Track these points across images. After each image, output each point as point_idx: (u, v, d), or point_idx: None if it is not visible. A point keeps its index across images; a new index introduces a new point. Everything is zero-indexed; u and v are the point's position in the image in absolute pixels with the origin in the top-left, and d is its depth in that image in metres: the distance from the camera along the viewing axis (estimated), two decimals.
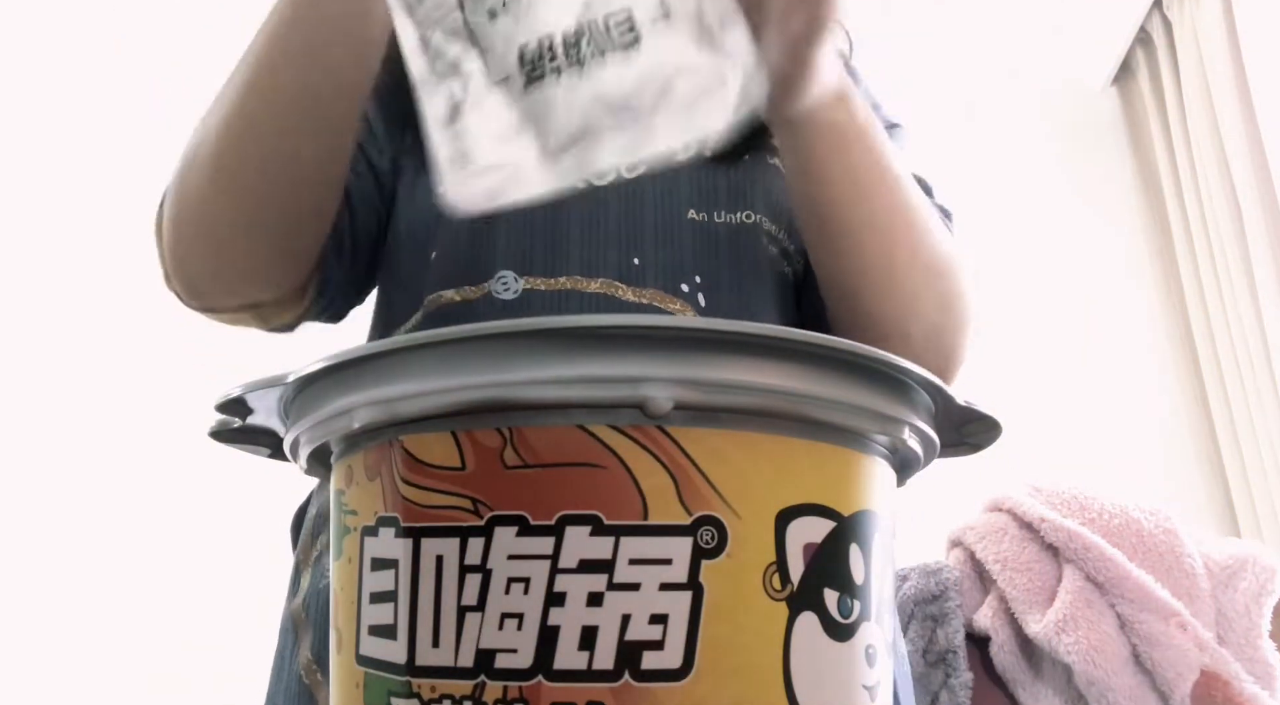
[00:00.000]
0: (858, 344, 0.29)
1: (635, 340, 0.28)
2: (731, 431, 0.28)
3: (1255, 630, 0.82)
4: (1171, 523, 0.87)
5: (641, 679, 0.26)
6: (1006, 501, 0.92)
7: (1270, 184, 2.01)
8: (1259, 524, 2.10)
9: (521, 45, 0.38)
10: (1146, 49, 2.47)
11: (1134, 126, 2.57)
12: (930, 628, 0.88)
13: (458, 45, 0.38)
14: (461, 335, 0.28)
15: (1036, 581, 0.86)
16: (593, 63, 0.38)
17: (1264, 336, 2.03)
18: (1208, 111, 2.18)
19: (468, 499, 0.28)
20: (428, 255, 0.62)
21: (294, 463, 0.36)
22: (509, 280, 0.59)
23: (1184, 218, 2.33)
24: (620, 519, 0.27)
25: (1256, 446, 2.09)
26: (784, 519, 0.28)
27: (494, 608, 0.27)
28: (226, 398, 0.33)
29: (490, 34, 0.38)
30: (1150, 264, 2.49)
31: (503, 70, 0.38)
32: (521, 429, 0.28)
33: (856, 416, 0.30)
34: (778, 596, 0.27)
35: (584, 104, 0.38)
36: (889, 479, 0.33)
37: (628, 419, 0.27)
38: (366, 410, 0.30)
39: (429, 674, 0.27)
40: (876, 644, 0.30)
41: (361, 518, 0.30)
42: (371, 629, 0.29)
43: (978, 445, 0.38)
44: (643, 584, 0.26)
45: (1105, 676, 0.79)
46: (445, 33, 0.38)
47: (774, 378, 0.28)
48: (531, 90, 0.37)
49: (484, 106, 0.37)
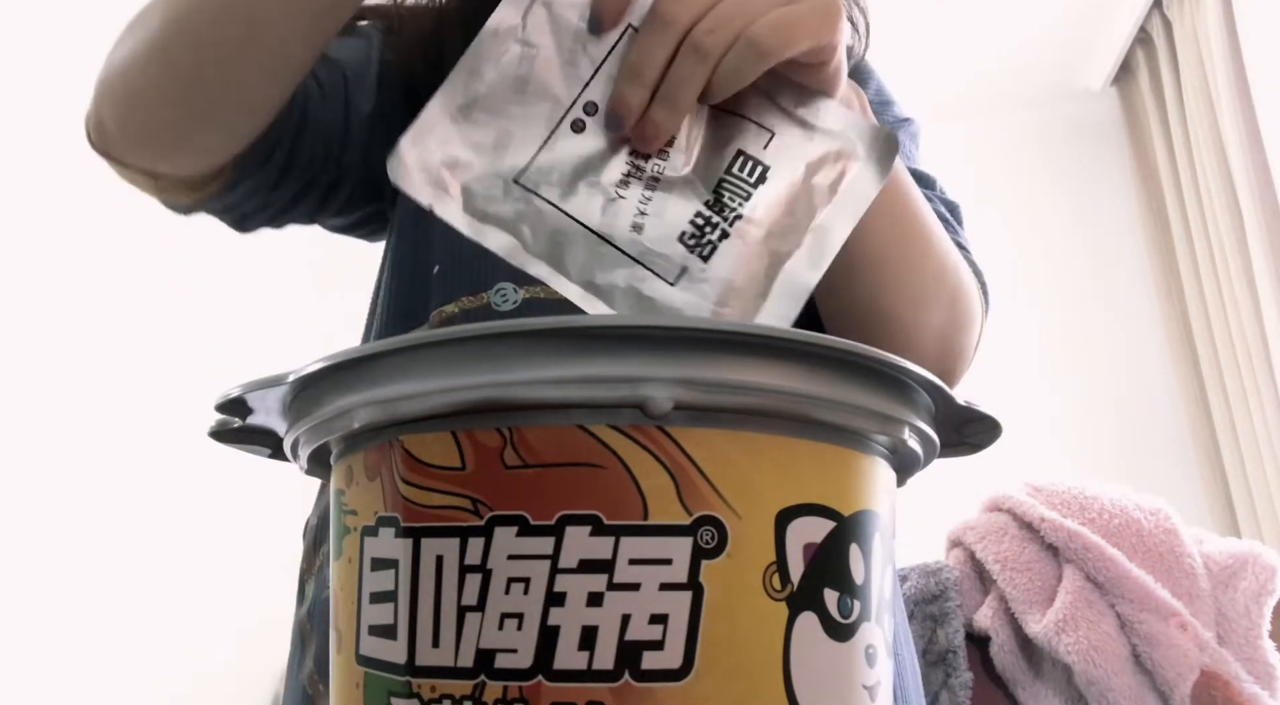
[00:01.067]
0: (858, 344, 0.29)
1: (635, 340, 0.28)
2: (732, 431, 0.28)
3: (1255, 630, 0.82)
4: (1171, 523, 0.87)
5: (641, 679, 0.26)
6: (1006, 501, 0.92)
7: (1270, 184, 2.01)
8: (1259, 524, 2.10)
9: (680, 235, 0.39)
10: (1146, 49, 2.47)
11: (1134, 126, 2.57)
12: (930, 628, 0.88)
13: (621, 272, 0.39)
14: (461, 335, 0.28)
15: (1036, 581, 0.86)
16: (745, 208, 0.40)
17: (1264, 336, 2.03)
18: (1208, 111, 2.18)
19: (468, 499, 0.28)
20: (430, 271, 0.62)
21: (294, 463, 0.36)
22: (508, 292, 0.59)
23: (1184, 218, 2.33)
24: (620, 519, 0.27)
25: (1256, 446, 2.09)
26: (784, 519, 0.28)
27: (494, 608, 0.27)
28: (226, 398, 0.33)
29: (645, 244, 0.39)
30: (1150, 264, 2.49)
31: (676, 266, 0.39)
32: (521, 429, 0.28)
33: (856, 416, 0.30)
34: (778, 596, 0.27)
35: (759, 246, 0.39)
36: (889, 479, 0.33)
37: (628, 419, 0.27)
38: (366, 410, 0.30)
39: (429, 674, 0.27)
40: (876, 644, 0.30)
41: (361, 518, 0.30)
42: (371, 629, 0.29)
43: (978, 445, 0.38)
44: (643, 584, 0.26)
45: (1105, 676, 0.79)
46: (603, 270, 0.39)
47: (774, 378, 0.28)
48: (712, 264, 0.39)
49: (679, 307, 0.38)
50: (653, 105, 0.39)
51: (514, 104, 0.40)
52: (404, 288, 0.64)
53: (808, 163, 0.41)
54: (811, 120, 0.41)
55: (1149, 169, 2.48)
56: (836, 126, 0.41)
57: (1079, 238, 2.50)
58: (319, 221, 0.70)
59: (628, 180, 0.40)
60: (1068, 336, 2.42)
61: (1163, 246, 2.44)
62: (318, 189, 0.65)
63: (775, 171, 0.40)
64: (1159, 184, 2.43)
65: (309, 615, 0.60)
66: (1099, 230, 2.51)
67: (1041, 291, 2.44)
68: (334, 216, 0.70)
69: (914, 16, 2.31)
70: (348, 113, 0.64)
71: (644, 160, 0.40)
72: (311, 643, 0.59)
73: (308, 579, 0.62)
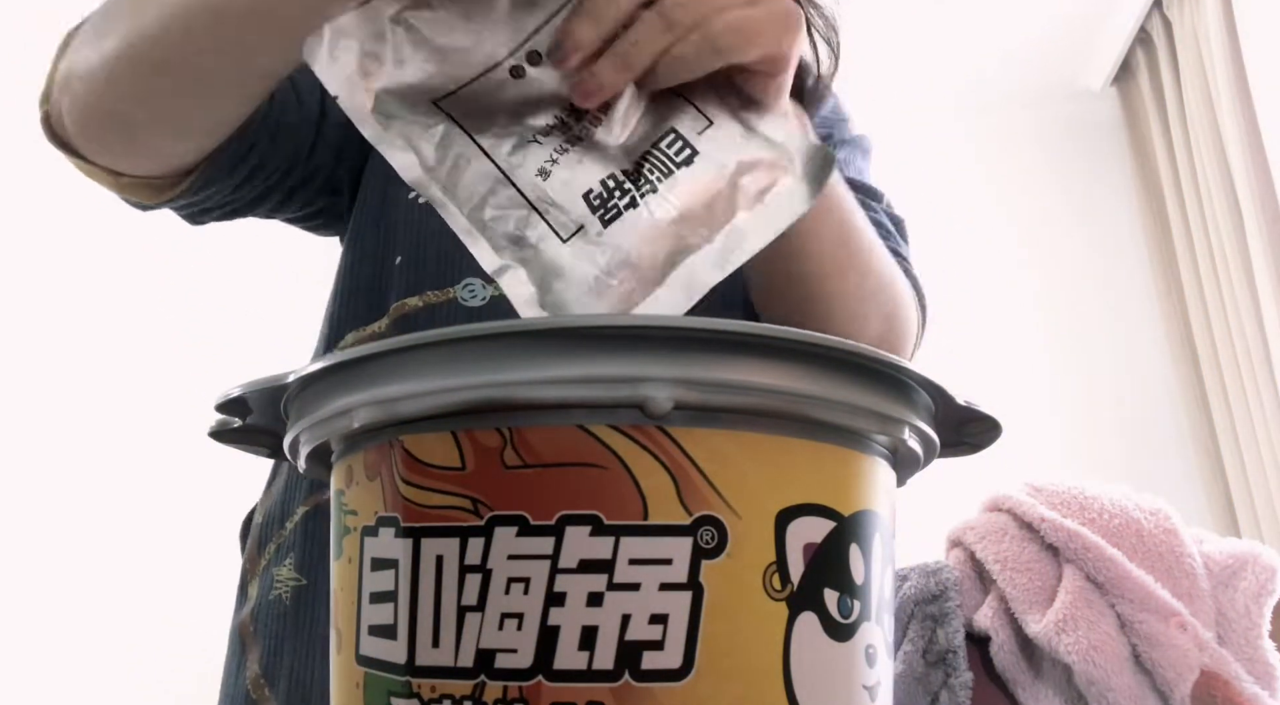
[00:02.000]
0: (858, 344, 0.29)
1: (635, 340, 0.28)
2: (731, 431, 0.28)
3: (1255, 630, 0.82)
4: (1171, 523, 0.87)
5: (641, 679, 0.26)
6: (1006, 501, 0.92)
7: (1270, 184, 2.01)
8: (1259, 524, 2.10)
9: (585, 192, 0.37)
10: (1146, 49, 2.47)
11: (1134, 127, 2.57)
12: (930, 628, 0.88)
13: (513, 214, 0.37)
14: (461, 335, 0.28)
15: (1036, 581, 0.86)
16: (663, 185, 0.38)
17: (1264, 336, 2.03)
18: (1208, 111, 2.18)
19: (468, 499, 0.28)
20: (391, 261, 0.61)
21: (294, 463, 0.36)
22: (476, 288, 0.59)
23: (1184, 218, 2.33)
24: (620, 519, 0.27)
25: (1256, 446, 2.09)
26: (784, 519, 0.28)
27: (494, 608, 0.27)
28: (226, 398, 0.33)
29: (547, 191, 0.37)
30: (1150, 264, 2.49)
31: (573, 222, 0.37)
32: (521, 429, 0.28)
33: (856, 416, 0.30)
34: (778, 596, 0.27)
35: (666, 227, 0.37)
36: (889, 479, 0.33)
37: (628, 419, 0.27)
38: (366, 410, 0.30)
39: (429, 674, 0.27)
40: (876, 644, 0.30)
41: (361, 518, 0.30)
42: (371, 629, 0.29)
43: (978, 445, 0.38)
44: (643, 584, 0.26)
45: (1105, 676, 0.79)
46: (495, 207, 0.37)
47: (774, 378, 0.28)
48: (611, 229, 0.37)
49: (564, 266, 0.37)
50: (602, 58, 0.37)
51: (458, 30, 0.39)
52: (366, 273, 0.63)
53: (739, 161, 0.39)
54: (753, 124, 0.40)
55: (1149, 169, 2.48)
56: (777, 136, 0.40)
57: (1079, 238, 2.50)
58: (276, 217, 0.69)
59: (550, 130, 0.38)
60: (1068, 336, 2.42)
61: (1163, 246, 2.44)
62: (283, 189, 0.64)
63: (703, 158, 0.38)
64: (1159, 184, 2.42)
65: (254, 616, 0.59)
66: (1099, 230, 2.51)
67: (1041, 291, 2.44)
68: (293, 212, 0.69)
69: (914, 16, 2.31)
70: (323, 114, 0.63)
71: (575, 121, 0.39)
72: (256, 646, 0.58)
73: (250, 579, 0.62)
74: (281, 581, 0.59)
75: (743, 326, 0.28)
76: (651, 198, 0.37)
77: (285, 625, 0.58)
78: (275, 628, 0.58)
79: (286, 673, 0.56)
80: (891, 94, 2.37)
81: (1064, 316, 2.43)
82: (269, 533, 0.61)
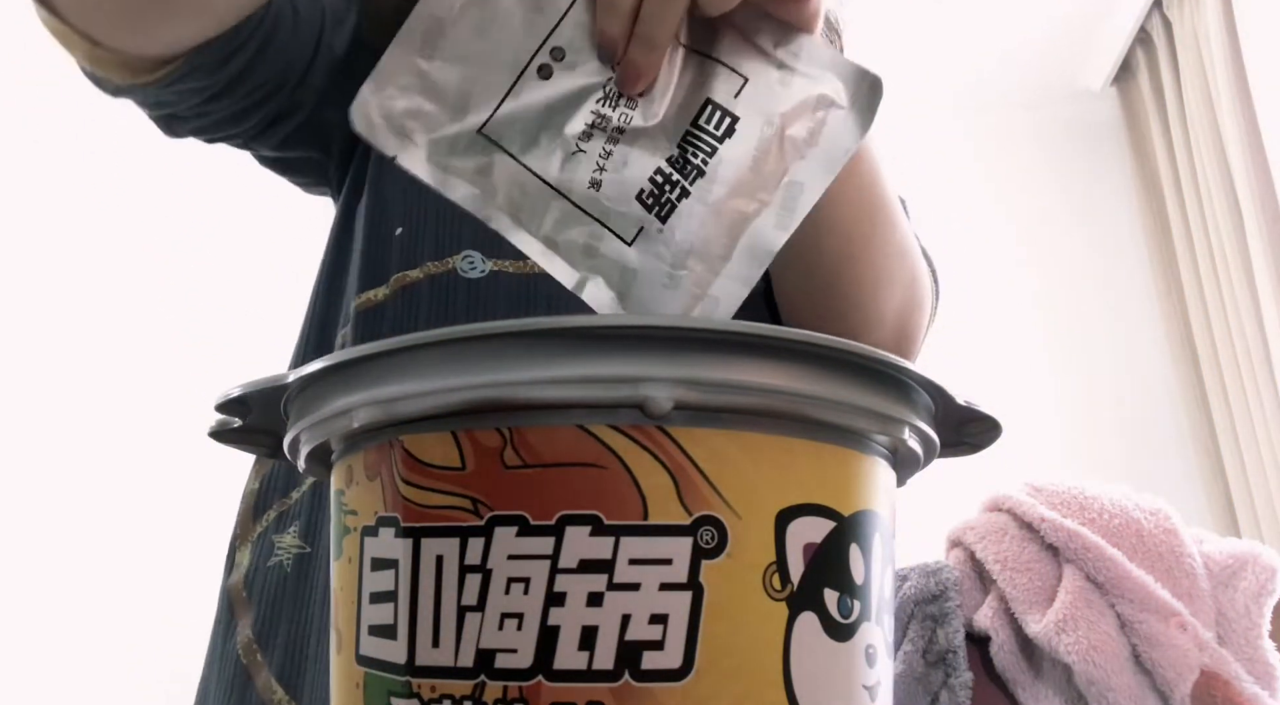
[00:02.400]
0: (858, 344, 0.29)
1: (635, 340, 0.28)
2: (732, 431, 0.28)
3: (1255, 630, 0.82)
4: (1171, 523, 0.87)
5: (641, 679, 0.26)
6: (1006, 501, 0.92)
7: (1270, 184, 2.01)
8: (1259, 524, 2.10)
9: (638, 193, 0.38)
10: (1146, 49, 2.47)
11: (1134, 127, 2.57)
12: (930, 628, 0.88)
13: (577, 228, 0.38)
14: (461, 335, 0.28)
15: (1036, 581, 0.86)
16: (709, 166, 0.38)
17: (1264, 336, 2.03)
18: (1208, 111, 2.18)
19: (468, 499, 0.28)
20: (392, 232, 0.61)
21: (294, 463, 0.36)
22: (475, 260, 0.58)
23: (1184, 218, 2.33)
24: (620, 519, 0.27)
25: (1256, 446, 2.09)
26: (784, 519, 0.28)
27: (494, 608, 0.27)
28: (226, 398, 0.33)
29: (601, 202, 0.38)
30: (1150, 264, 2.49)
31: (633, 225, 0.37)
32: (521, 429, 0.28)
33: (856, 416, 0.30)
34: (778, 596, 0.27)
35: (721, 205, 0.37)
36: (889, 479, 0.33)
37: (628, 419, 0.27)
38: (366, 410, 0.30)
39: (429, 674, 0.27)
40: (876, 644, 0.30)
41: (361, 518, 0.30)
42: (371, 629, 0.29)
43: (978, 445, 0.38)
44: (643, 584, 0.26)
45: (1105, 676, 0.79)
46: (560, 224, 0.38)
47: (774, 378, 0.28)
48: (669, 223, 0.37)
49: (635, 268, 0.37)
50: (630, 46, 0.37)
51: (476, 48, 0.39)
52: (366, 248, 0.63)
53: (782, 113, 0.38)
54: (790, 61, 0.39)
55: (1149, 169, 2.48)
56: (816, 68, 0.39)
57: (1079, 238, 2.50)
58: (252, 149, 0.68)
59: (590, 132, 0.39)
60: (1068, 336, 2.42)
61: (1163, 246, 2.44)
62: (260, 115, 0.62)
63: (745, 123, 0.38)
64: (1159, 184, 2.42)
65: (246, 582, 0.59)
66: (1099, 230, 2.51)
67: (1041, 291, 2.44)
68: (271, 149, 0.68)
69: (914, 16, 2.31)
70: (317, 49, 0.62)
71: (611, 109, 0.39)
72: (247, 611, 0.58)
73: (240, 545, 0.61)
74: (284, 548, 0.58)
75: (743, 326, 0.28)
76: (701, 182, 0.38)
77: (284, 591, 0.57)
78: (274, 593, 0.58)
79: (282, 639, 0.56)
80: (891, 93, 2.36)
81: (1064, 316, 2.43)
82: (268, 499, 0.61)
